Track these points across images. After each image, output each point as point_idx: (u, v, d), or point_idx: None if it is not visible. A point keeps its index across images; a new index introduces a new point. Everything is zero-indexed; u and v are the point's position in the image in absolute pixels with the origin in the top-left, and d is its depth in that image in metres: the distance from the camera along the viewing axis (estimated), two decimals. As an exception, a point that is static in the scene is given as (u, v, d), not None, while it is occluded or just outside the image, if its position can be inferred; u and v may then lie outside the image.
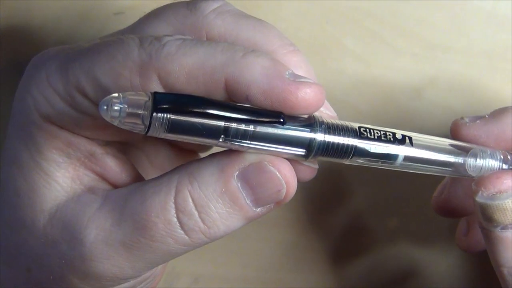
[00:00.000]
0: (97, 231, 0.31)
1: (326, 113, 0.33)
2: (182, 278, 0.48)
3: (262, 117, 0.30)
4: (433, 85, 0.46)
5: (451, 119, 0.46)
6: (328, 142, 0.31)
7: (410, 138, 0.33)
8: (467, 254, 0.47)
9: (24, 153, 0.33)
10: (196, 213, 0.31)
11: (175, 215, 0.31)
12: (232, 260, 0.48)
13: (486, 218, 0.34)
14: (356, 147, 0.32)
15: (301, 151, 0.31)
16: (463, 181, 0.35)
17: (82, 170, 0.33)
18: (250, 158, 0.31)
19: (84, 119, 0.32)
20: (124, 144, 0.36)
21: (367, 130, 0.32)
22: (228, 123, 0.30)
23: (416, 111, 0.46)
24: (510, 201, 0.34)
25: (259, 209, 0.32)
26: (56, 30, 0.46)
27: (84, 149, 0.33)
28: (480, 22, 0.46)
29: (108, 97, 0.29)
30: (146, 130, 0.29)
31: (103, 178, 0.34)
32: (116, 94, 0.29)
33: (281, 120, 0.30)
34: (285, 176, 0.31)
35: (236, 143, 0.30)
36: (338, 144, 0.31)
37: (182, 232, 0.31)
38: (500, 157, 0.35)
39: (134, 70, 0.30)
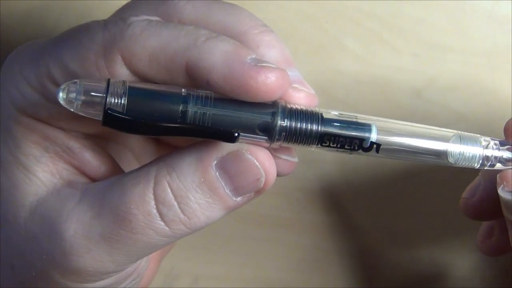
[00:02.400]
0: (77, 225, 0.31)
1: (303, 89, 0.33)
2: (182, 278, 0.48)
3: (215, 136, 0.30)
4: (433, 85, 0.46)
5: (451, 119, 0.46)
6: (290, 127, 0.31)
7: (378, 145, 0.32)
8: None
9: (3, 149, 0.33)
10: (175, 203, 0.31)
11: (154, 206, 0.31)
12: (232, 260, 0.48)
13: (508, 212, 0.34)
14: (320, 132, 0.31)
15: (263, 136, 0.31)
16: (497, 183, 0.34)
17: (61, 164, 0.33)
18: (228, 147, 0.31)
19: (58, 109, 0.31)
20: (105, 139, 0.35)
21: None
22: (185, 107, 0.30)
23: (416, 111, 0.46)
24: None
25: (239, 199, 0.32)
26: (56, 30, 0.46)
27: (62, 143, 0.33)
28: (480, 22, 0.46)
29: (65, 83, 0.29)
30: (102, 122, 0.29)
31: (82, 172, 0.33)
32: (73, 80, 0.29)
33: (234, 136, 0.30)
34: (264, 164, 0.31)
35: None
36: (301, 129, 0.31)
37: (162, 223, 0.31)
38: (482, 144, 0.33)
39: (99, 53, 0.30)
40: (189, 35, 0.30)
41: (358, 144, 0.32)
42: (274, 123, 0.31)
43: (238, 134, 0.30)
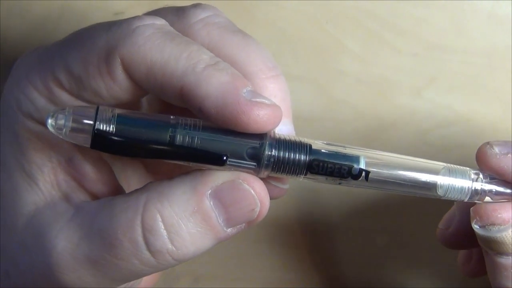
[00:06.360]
0: (65, 243, 0.31)
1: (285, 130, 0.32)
2: (182, 278, 0.48)
3: (203, 158, 0.30)
4: (433, 85, 0.46)
5: (451, 119, 0.46)
6: (278, 158, 0.31)
7: (367, 172, 0.32)
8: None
9: (9, 154, 0.33)
10: (164, 233, 0.30)
11: (141, 234, 0.30)
12: (232, 260, 0.48)
13: (482, 243, 0.34)
14: (307, 164, 0.31)
15: (252, 163, 0.31)
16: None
17: (62, 175, 0.33)
18: (223, 176, 0.30)
19: None
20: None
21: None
22: (173, 131, 0.30)
23: (416, 111, 0.46)
24: (503, 235, 0.33)
25: (229, 230, 0.31)
26: (56, 30, 0.46)
27: (65, 152, 0.32)
28: (480, 22, 0.46)
29: (54, 109, 0.29)
30: (90, 145, 0.30)
31: (81, 185, 0.33)
32: (62, 108, 0.29)
33: (223, 159, 0.30)
34: (260, 194, 0.31)
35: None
36: (289, 160, 0.31)
37: (148, 253, 0.30)
38: (471, 177, 0.33)
39: (101, 56, 0.30)
40: (190, 58, 0.30)
41: (346, 172, 0.31)
42: (262, 153, 0.30)
43: (227, 157, 0.30)
